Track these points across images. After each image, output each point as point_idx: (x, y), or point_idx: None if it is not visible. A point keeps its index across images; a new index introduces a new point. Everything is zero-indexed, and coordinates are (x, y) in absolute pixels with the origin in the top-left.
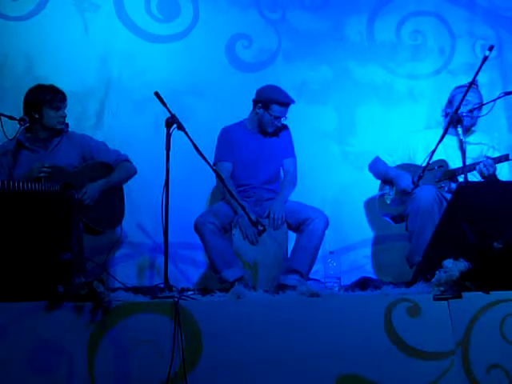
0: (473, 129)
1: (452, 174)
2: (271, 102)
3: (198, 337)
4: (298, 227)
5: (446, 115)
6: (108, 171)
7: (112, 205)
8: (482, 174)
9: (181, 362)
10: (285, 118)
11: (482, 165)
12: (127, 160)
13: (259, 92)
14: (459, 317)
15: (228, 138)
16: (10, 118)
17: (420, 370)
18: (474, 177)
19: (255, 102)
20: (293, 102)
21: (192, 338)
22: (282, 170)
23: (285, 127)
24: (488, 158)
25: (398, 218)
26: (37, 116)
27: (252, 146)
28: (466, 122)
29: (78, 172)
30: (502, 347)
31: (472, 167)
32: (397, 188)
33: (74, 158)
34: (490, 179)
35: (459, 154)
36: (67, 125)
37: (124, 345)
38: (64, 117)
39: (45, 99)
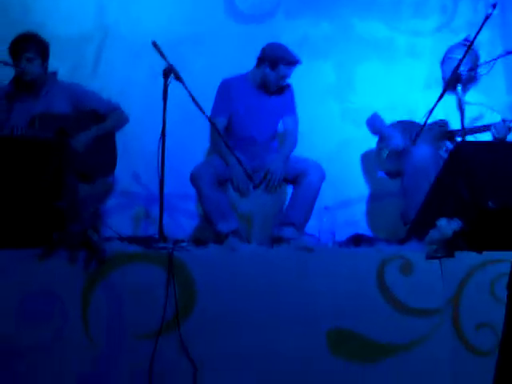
0: (473, 88)
1: (451, 135)
2: (279, 62)
3: (192, 288)
4: (294, 179)
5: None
6: (100, 119)
7: (105, 152)
8: (494, 136)
9: (174, 311)
10: (289, 78)
11: (497, 125)
12: (119, 108)
13: (266, 50)
14: (451, 275)
15: (226, 91)
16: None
17: (410, 326)
18: (473, 138)
19: (261, 60)
20: (300, 62)
21: (186, 289)
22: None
23: (288, 86)
24: (505, 120)
25: (393, 173)
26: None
27: (252, 102)
28: (465, 79)
29: (71, 118)
30: (491, 306)
31: (481, 128)
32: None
33: (65, 107)
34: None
35: (458, 113)
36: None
37: (118, 294)
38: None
39: (11, 49)
